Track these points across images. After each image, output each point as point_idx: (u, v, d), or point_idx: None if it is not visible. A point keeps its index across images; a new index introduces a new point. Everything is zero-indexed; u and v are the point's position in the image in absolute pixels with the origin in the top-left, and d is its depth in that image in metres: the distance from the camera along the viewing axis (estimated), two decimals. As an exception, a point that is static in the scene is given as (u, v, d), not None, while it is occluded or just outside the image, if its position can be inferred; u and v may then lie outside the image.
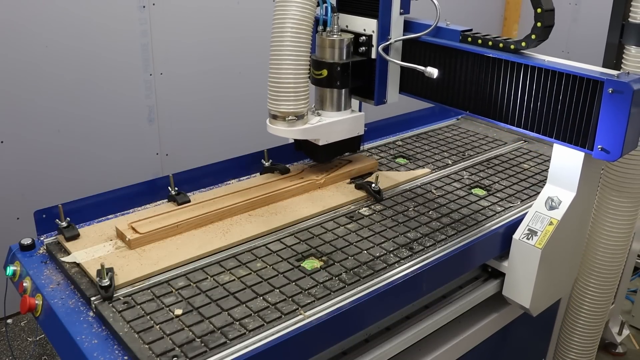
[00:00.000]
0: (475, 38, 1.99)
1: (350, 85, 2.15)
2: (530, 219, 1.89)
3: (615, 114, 1.64)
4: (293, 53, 1.91)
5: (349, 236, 1.91)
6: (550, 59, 1.83)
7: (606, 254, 2.13)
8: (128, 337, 1.45)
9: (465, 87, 2.00)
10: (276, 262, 1.77)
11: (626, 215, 2.08)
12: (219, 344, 1.44)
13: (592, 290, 2.19)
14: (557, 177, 1.87)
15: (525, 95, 1.84)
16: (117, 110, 3.33)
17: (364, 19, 2.11)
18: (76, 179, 3.25)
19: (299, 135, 2.08)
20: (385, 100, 2.20)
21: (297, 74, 1.95)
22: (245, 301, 1.59)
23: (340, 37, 2.09)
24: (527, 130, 1.87)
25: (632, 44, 1.99)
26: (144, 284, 1.66)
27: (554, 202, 1.86)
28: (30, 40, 2.97)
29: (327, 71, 2.09)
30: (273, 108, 2.00)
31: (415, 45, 2.11)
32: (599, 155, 1.70)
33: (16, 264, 1.82)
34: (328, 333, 1.55)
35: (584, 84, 1.70)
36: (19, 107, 3.02)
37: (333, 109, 2.18)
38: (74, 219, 1.91)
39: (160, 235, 1.86)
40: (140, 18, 3.28)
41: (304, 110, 2.03)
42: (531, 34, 1.82)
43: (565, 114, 1.76)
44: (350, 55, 2.13)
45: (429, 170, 2.41)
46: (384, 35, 2.10)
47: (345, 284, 1.67)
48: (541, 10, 1.77)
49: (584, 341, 2.29)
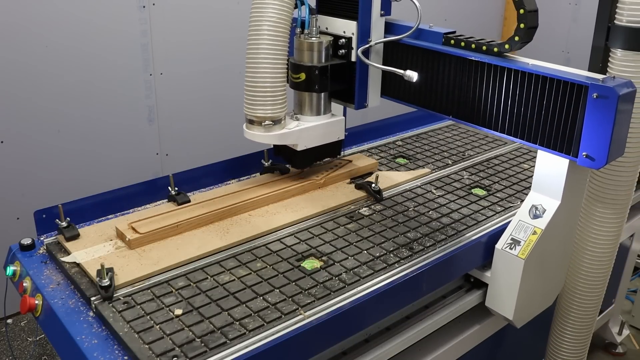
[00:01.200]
0: (458, 40, 1.92)
1: (329, 89, 2.09)
2: (514, 228, 1.83)
3: (600, 120, 1.58)
4: (269, 56, 1.86)
5: (349, 236, 1.91)
6: (534, 62, 1.77)
7: (593, 261, 2.07)
8: (128, 337, 1.45)
9: (448, 91, 1.94)
10: (276, 262, 1.77)
11: (612, 225, 2.01)
12: (219, 344, 1.44)
13: (578, 298, 2.13)
14: (542, 185, 1.81)
15: (508, 100, 1.78)
16: (117, 110, 3.33)
17: (343, 20, 2.05)
18: (76, 179, 3.25)
19: (276, 140, 2.02)
20: (366, 104, 2.15)
21: (274, 77, 1.89)
22: (245, 301, 1.59)
23: (318, 39, 2.02)
24: (511, 136, 1.81)
25: (618, 47, 1.88)
26: (144, 284, 1.66)
27: (538, 211, 1.80)
28: (30, 40, 2.97)
29: (305, 74, 2.03)
30: (249, 112, 1.95)
31: (397, 47, 2.05)
32: (583, 162, 1.64)
33: (16, 264, 1.82)
34: (328, 333, 1.54)
35: (567, 88, 1.64)
36: (19, 107, 3.02)
37: (312, 113, 2.12)
38: (74, 219, 1.91)
39: (160, 235, 1.86)
40: (140, 18, 3.28)
41: (281, 115, 1.98)
42: (514, 36, 1.76)
43: (550, 119, 1.70)
44: (329, 58, 2.06)
45: (429, 170, 2.41)
46: (364, 38, 2.04)
47: (345, 284, 1.67)
48: (524, 11, 1.72)
49: (573, 347, 2.25)
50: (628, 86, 1.59)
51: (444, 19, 4.72)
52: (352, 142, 2.64)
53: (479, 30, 5.05)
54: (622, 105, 1.56)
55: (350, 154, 2.53)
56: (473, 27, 5.33)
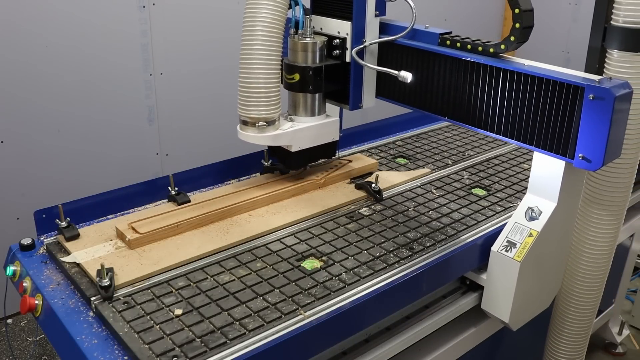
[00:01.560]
0: (453, 41, 1.89)
1: (323, 90, 2.08)
2: (510, 230, 1.81)
3: (596, 122, 1.55)
4: (263, 57, 1.85)
5: (349, 236, 1.91)
6: (530, 63, 1.75)
7: (590, 264, 2.06)
8: (128, 337, 1.45)
9: (444, 92, 1.92)
10: (276, 262, 1.77)
11: (609, 227, 2.00)
12: (219, 344, 1.44)
13: (576, 300, 2.13)
14: (538, 187, 1.79)
15: (504, 101, 1.76)
16: (117, 110, 3.33)
17: (337, 21, 2.03)
18: (76, 179, 3.25)
19: (270, 141, 2.02)
20: (361, 105, 2.13)
21: (268, 78, 1.88)
22: (245, 301, 1.59)
23: (312, 40, 2.01)
24: (507, 138, 1.79)
25: (615, 48, 1.84)
26: (144, 284, 1.66)
27: (534, 213, 1.78)
28: (31, 40, 2.97)
29: (299, 75, 2.02)
30: (243, 113, 1.94)
31: (392, 48, 2.03)
32: (580, 164, 1.62)
33: (16, 264, 1.82)
34: (328, 333, 1.55)
35: (564, 89, 1.62)
36: (19, 107, 3.02)
37: (306, 114, 2.10)
38: (74, 219, 1.91)
39: (160, 235, 1.86)
40: (140, 18, 3.28)
41: (275, 116, 1.96)
42: (510, 36, 1.74)
43: (545, 121, 1.68)
44: (323, 59, 2.05)
45: (429, 170, 2.41)
46: (358, 38, 2.02)
47: (345, 284, 1.67)
48: (519, 11, 1.70)
49: (570, 349, 2.24)
50: (624, 87, 1.57)
51: (444, 19, 4.72)
52: (352, 142, 2.64)
53: (479, 30, 5.05)
54: (618, 106, 1.54)
55: (350, 154, 2.53)
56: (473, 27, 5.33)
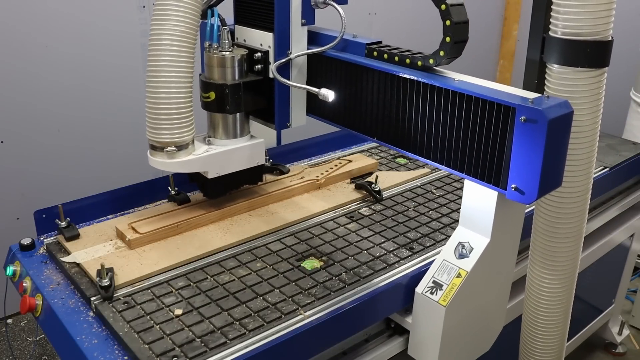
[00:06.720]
0: (381, 52, 1.70)
1: (243, 109, 1.86)
2: (437, 268, 1.61)
3: (529, 148, 1.35)
4: (171, 75, 1.65)
5: (349, 236, 1.91)
6: (462, 78, 1.55)
7: (551, 299, 1.77)
8: (128, 337, 1.45)
9: (372, 110, 1.72)
10: (276, 262, 1.77)
11: (566, 259, 1.70)
12: (219, 344, 1.44)
13: (541, 333, 1.85)
14: (469, 219, 1.58)
15: (432, 121, 1.56)
16: (117, 110, 3.33)
17: (259, 32, 1.82)
18: (76, 179, 3.25)
19: (179, 168, 1.78)
20: (289, 124, 1.92)
21: (177, 98, 1.68)
22: (245, 301, 1.59)
23: (230, 53, 1.80)
24: (436, 163, 1.58)
25: (554, 62, 1.53)
26: (144, 284, 1.66)
27: (464, 249, 1.58)
28: (30, 40, 2.97)
29: (215, 93, 1.82)
30: (151, 137, 1.73)
31: (321, 61, 1.82)
32: (512, 196, 1.42)
33: (16, 264, 1.82)
34: (328, 333, 1.55)
35: (494, 109, 1.41)
36: (19, 107, 3.02)
37: (226, 136, 1.89)
38: (74, 219, 1.91)
39: (160, 235, 1.86)
40: (140, 18, 3.28)
41: (187, 140, 1.75)
42: (439, 50, 1.55)
43: (476, 145, 1.47)
44: (243, 75, 1.83)
45: (429, 170, 2.41)
46: (282, 50, 1.81)
47: (345, 284, 1.67)
48: (450, 23, 1.50)
49: None
50: (563, 107, 1.38)
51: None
52: (352, 142, 2.64)
53: (479, 31, 5.05)
54: (553, 130, 1.33)
55: (350, 154, 2.54)
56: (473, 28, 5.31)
